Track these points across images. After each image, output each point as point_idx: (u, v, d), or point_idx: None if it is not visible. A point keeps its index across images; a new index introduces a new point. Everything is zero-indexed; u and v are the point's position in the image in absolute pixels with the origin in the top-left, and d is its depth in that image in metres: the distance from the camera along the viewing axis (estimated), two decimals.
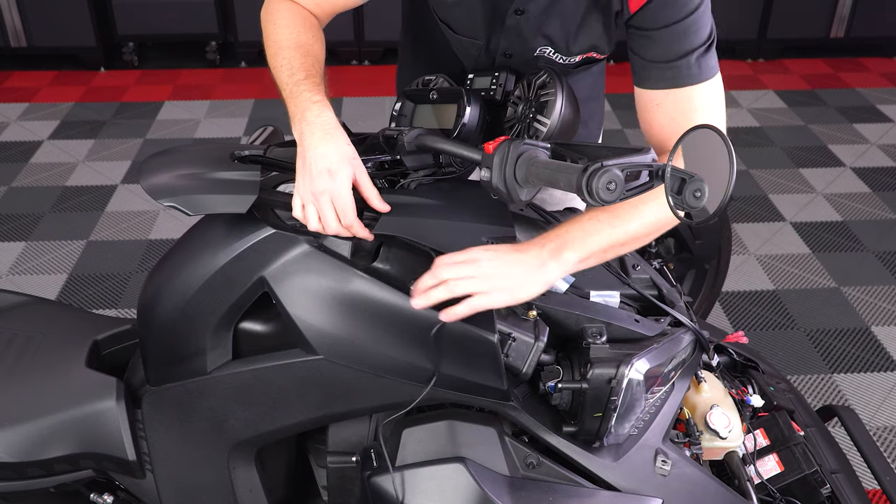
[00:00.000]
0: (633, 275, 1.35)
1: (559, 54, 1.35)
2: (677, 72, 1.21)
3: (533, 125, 1.20)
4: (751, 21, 4.90)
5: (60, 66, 4.77)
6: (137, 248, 3.13)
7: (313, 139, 1.14)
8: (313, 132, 1.15)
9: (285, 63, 1.24)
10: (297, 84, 1.20)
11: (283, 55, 1.25)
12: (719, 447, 1.34)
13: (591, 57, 1.36)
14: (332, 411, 1.24)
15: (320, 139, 1.14)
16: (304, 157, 1.15)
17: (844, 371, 2.57)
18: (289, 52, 1.25)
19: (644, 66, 1.24)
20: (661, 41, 1.21)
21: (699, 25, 1.20)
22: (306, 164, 1.14)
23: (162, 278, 1.27)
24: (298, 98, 1.19)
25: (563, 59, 1.36)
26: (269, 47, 1.29)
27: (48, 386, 1.34)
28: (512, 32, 1.33)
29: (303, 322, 1.18)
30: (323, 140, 1.14)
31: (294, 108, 1.19)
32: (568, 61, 1.36)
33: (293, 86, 1.21)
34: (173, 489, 1.34)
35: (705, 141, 0.92)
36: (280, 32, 1.29)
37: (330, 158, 1.13)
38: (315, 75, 1.22)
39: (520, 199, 1.03)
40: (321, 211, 1.14)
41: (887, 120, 4.29)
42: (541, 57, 1.36)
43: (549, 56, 1.35)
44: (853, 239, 3.26)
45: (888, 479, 1.43)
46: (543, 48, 1.34)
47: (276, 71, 1.26)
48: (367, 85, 4.58)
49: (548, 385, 1.16)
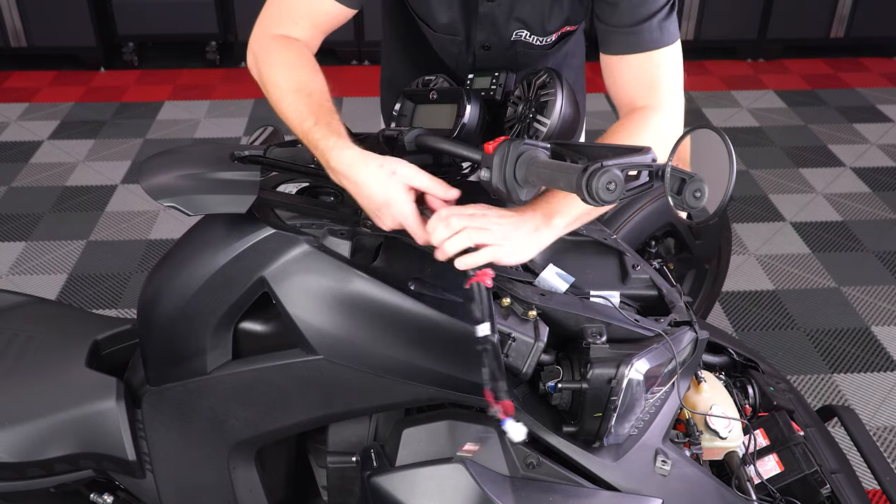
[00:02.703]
0: (633, 275, 1.35)
1: (535, 36, 1.37)
2: (640, 36, 1.26)
3: (533, 125, 1.20)
4: (751, 21, 4.90)
5: (60, 66, 4.78)
6: (137, 248, 3.13)
7: (352, 185, 1.15)
8: (348, 178, 1.15)
9: (292, 109, 1.23)
10: (311, 132, 1.20)
11: (288, 101, 1.24)
12: (719, 447, 1.34)
13: (566, 31, 1.39)
14: (332, 411, 1.24)
15: (357, 181, 1.13)
16: (362, 204, 1.16)
17: (844, 371, 2.57)
18: (291, 96, 1.24)
19: (608, 32, 1.29)
20: (625, 7, 1.25)
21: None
22: (368, 210, 1.16)
23: (162, 278, 1.27)
24: (318, 149, 1.19)
25: (539, 40, 1.38)
26: (271, 91, 1.28)
27: (48, 386, 1.34)
28: (487, 21, 1.35)
29: (303, 322, 1.18)
30: (359, 180, 1.13)
31: (319, 159, 1.20)
32: (545, 42, 1.38)
33: (307, 134, 1.20)
34: (173, 489, 1.34)
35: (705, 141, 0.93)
36: (278, 74, 1.27)
37: (376, 194, 1.12)
38: (324, 115, 1.21)
39: (520, 199, 1.03)
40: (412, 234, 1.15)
41: (887, 120, 4.29)
42: (518, 41, 1.37)
43: (525, 39, 1.37)
44: (853, 239, 3.26)
45: (888, 479, 1.43)
46: (519, 32, 1.36)
47: (285, 117, 1.26)
48: (367, 85, 4.58)
49: (548, 385, 1.16)
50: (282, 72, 1.27)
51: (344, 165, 1.15)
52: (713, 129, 0.99)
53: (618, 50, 1.29)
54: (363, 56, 4.89)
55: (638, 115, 1.27)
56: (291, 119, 1.23)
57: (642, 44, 1.27)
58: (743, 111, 4.40)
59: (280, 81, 1.26)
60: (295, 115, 1.23)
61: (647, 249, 2.12)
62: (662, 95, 1.27)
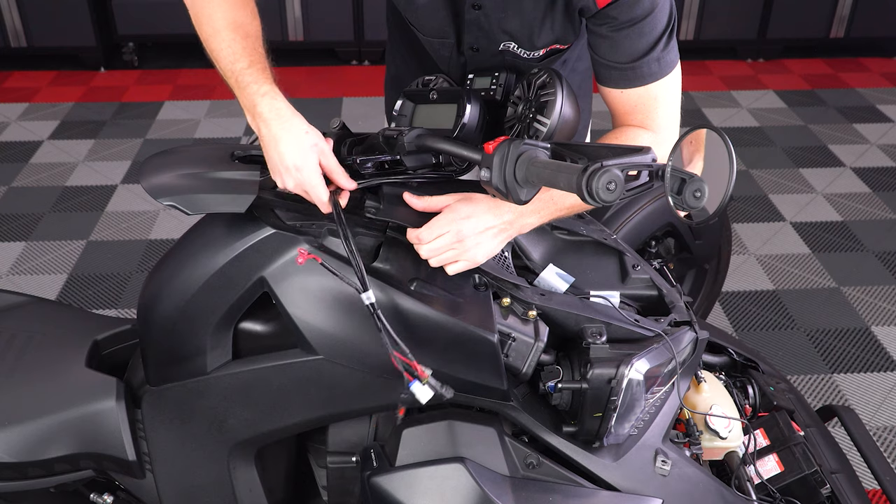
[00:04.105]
0: (633, 275, 1.35)
1: (522, 49, 1.36)
2: (638, 71, 1.26)
3: (533, 125, 1.20)
4: (751, 21, 4.90)
5: (60, 66, 4.77)
6: (137, 248, 3.13)
7: (271, 136, 1.14)
8: (269, 128, 1.14)
9: (225, 48, 1.21)
10: (242, 73, 1.18)
11: (221, 38, 1.21)
12: (719, 447, 1.34)
13: (555, 49, 1.38)
14: (332, 411, 1.24)
15: (278, 134, 1.14)
16: (268, 155, 1.16)
17: (844, 371, 2.57)
18: (227, 34, 1.21)
19: (604, 66, 1.29)
20: (622, 43, 1.25)
21: (658, 19, 1.24)
22: (272, 162, 1.15)
23: (162, 278, 1.27)
24: (246, 91, 1.17)
25: (526, 53, 1.37)
26: (203, 27, 1.24)
27: (48, 386, 1.34)
28: (474, 27, 1.35)
29: (303, 322, 1.18)
30: (280, 135, 1.14)
31: (244, 101, 1.18)
32: (532, 55, 1.38)
33: (238, 75, 1.18)
34: (173, 489, 1.34)
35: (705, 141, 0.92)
36: (213, 10, 1.23)
37: (292, 154, 1.13)
38: (259, 60, 1.19)
39: (520, 199, 1.03)
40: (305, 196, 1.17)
41: (887, 120, 4.29)
42: (505, 52, 1.37)
43: (513, 51, 1.37)
44: (853, 239, 3.26)
45: (888, 479, 1.43)
46: (507, 44, 1.36)
47: (215, 55, 1.22)
48: (367, 85, 4.58)
49: (548, 385, 1.16)
50: (219, 8, 1.24)
51: (273, 114, 1.14)
52: (713, 129, 0.99)
53: (615, 85, 1.30)
54: (363, 56, 4.89)
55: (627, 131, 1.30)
56: (222, 57, 1.21)
57: (640, 79, 1.27)
58: (743, 111, 4.40)
59: (216, 17, 1.23)
60: (227, 54, 1.20)
61: (647, 249, 2.13)
62: (656, 122, 1.30)
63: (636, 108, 1.30)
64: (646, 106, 1.29)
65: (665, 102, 1.29)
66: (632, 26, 1.23)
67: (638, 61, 1.25)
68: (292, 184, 1.15)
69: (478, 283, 1.22)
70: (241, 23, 1.23)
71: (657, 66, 1.26)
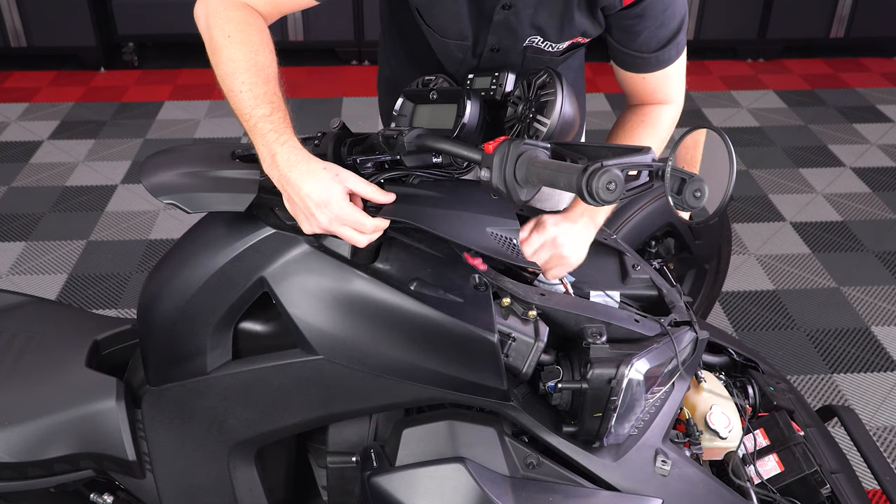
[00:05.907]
0: (633, 275, 1.35)
1: (548, 42, 1.37)
2: (657, 60, 1.36)
3: (533, 125, 1.20)
4: (751, 21, 4.90)
5: (60, 66, 4.77)
6: (137, 248, 3.13)
7: (292, 182, 1.13)
8: (290, 176, 1.13)
9: (246, 91, 1.18)
10: (263, 120, 1.17)
11: (241, 80, 1.19)
12: (719, 447, 1.34)
13: (577, 42, 1.40)
14: (332, 411, 1.24)
15: (299, 180, 1.13)
16: (293, 201, 1.14)
17: (844, 371, 2.57)
18: (247, 76, 1.19)
19: (625, 54, 1.37)
20: (647, 35, 1.32)
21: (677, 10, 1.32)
22: (300, 206, 1.14)
23: (162, 278, 1.27)
24: (265, 138, 1.16)
25: (551, 46, 1.38)
26: (221, 66, 1.22)
27: (48, 386, 1.34)
28: (501, 27, 1.35)
29: (303, 322, 1.18)
30: (302, 179, 1.12)
31: (261, 149, 1.16)
32: (556, 49, 1.38)
33: (257, 121, 1.17)
34: (173, 489, 1.34)
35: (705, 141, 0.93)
36: (234, 51, 1.21)
37: (317, 193, 1.12)
38: (280, 108, 1.18)
39: (520, 199, 1.03)
40: (344, 237, 1.15)
41: (887, 120, 4.29)
42: (528, 48, 1.38)
43: (537, 45, 1.38)
44: (853, 239, 3.26)
45: (888, 479, 1.43)
46: (533, 38, 1.36)
47: (231, 95, 1.20)
48: (367, 85, 4.58)
49: (548, 385, 1.16)
50: (239, 49, 1.21)
51: (291, 163, 1.14)
52: (713, 129, 0.99)
53: (637, 70, 1.39)
54: (363, 56, 4.89)
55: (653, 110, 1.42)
56: (241, 100, 1.18)
57: (661, 63, 1.37)
58: (743, 111, 4.40)
59: (236, 58, 1.21)
60: (247, 98, 1.18)
61: (647, 249, 2.13)
62: (673, 96, 1.43)
63: (657, 88, 1.41)
64: (666, 84, 1.41)
65: (679, 76, 1.41)
66: (655, 19, 1.30)
67: (661, 50, 1.34)
68: (326, 220, 1.12)
69: (478, 283, 1.22)
70: (262, 65, 1.21)
71: (675, 50, 1.36)
